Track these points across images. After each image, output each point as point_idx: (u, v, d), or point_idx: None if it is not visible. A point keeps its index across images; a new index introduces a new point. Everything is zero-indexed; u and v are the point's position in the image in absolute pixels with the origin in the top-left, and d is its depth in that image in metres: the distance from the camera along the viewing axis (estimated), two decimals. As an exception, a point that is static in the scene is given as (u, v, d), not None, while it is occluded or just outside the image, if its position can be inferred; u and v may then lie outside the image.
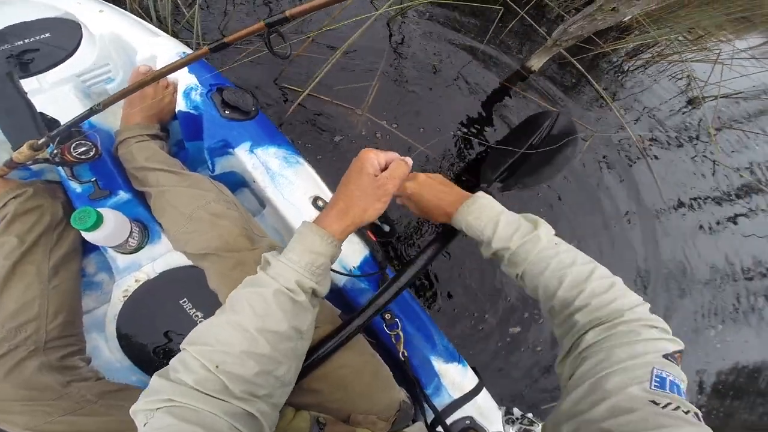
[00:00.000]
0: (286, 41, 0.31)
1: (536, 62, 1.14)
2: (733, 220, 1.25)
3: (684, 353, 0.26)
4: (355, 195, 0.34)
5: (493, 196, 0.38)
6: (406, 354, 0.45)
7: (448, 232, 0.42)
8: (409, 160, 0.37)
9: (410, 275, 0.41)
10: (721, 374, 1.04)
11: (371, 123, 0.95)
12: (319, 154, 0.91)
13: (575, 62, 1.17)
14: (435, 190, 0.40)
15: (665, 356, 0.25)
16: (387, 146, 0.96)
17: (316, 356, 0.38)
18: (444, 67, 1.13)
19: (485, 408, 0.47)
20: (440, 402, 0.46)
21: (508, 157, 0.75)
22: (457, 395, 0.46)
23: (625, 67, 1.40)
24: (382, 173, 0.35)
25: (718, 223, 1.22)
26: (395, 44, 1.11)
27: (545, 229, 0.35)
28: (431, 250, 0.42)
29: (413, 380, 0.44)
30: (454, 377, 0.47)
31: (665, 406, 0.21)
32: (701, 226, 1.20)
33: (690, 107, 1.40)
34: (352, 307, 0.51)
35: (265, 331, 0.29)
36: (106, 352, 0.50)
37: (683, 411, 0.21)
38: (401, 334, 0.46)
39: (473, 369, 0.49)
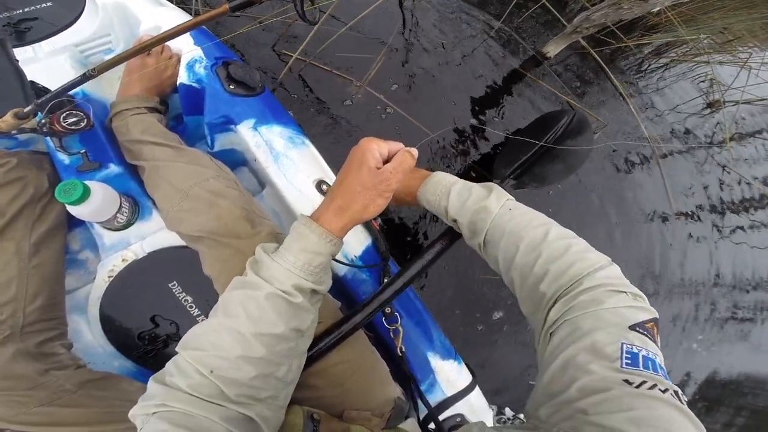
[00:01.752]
0: (315, 4, 0.28)
1: (553, 48, 1.09)
2: (737, 229, 1.24)
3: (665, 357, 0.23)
4: (355, 190, 0.31)
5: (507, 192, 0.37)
6: (403, 350, 0.43)
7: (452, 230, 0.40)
8: (415, 151, 0.34)
9: (416, 271, 0.39)
10: (701, 384, 1.03)
11: (371, 97, 0.92)
12: (313, 127, 0.88)
13: (593, 52, 1.14)
14: (404, 178, 0.38)
15: (633, 327, 0.22)
16: (387, 125, 0.92)
17: (314, 351, 0.36)
18: (455, 46, 1.09)
19: (477, 406, 0.46)
20: (434, 398, 0.45)
21: (522, 154, 0.73)
22: (450, 392, 0.46)
23: (646, 66, 1.36)
24: (385, 166, 0.32)
25: (721, 231, 1.21)
26: (407, 20, 1.07)
27: (496, 194, 0.34)
28: (438, 245, 0.40)
29: (409, 376, 0.43)
30: (449, 374, 0.46)
31: (639, 386, 0.19)
32: (703, 236, 1.18)
33: (709, 111, 1.36)
34: (351, 298, 0.49)
35: (260, 335, 0.27)
36: (88, 335, 0.47)
37: (660, 390, 0.19)
38: (401, 328, 0.44)
39: (467, 366, 0.48)
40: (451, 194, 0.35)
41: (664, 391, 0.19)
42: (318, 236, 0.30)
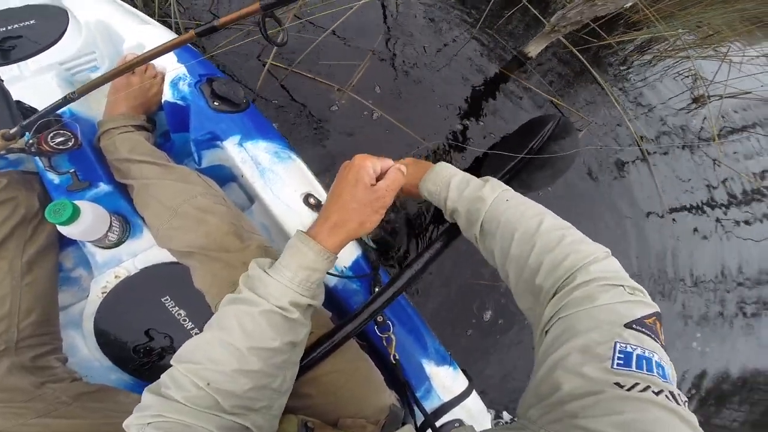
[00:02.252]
0: (282, 25, 0.29)
1: (534, 48, 1.10)
2: (731, 223, 1.24)
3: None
4: (350, 207, 0.32)
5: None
6: (397, 357, 0.44)
7: (447, 232, 0.41)
8: (404, 168, 0.35)
9: (406, 279, 0.40)
10: (701, 379, 1.04)
11: (357, 102, 0.92)
12: (295, 133, 0.88)
13: (575, 51, 1.14)
14: (408, 170, 0.40)
15: (629, 325, 0.21)
16: (377, 129, 0.93)
17: (306, 361, 0.37)
18: (439, 50, 1.10)
19: (475, 411, 0.47)
20: (430, 405, 0.45)
21: (508, 161, 0.75)
22: (447, 398, 0.46)
23: (630, 63, 1.36)
24: (379, 183, 0.33)
25: (714, 226, 1.22)
26: (389, 25, 1.08)
27: (491, 185, 0.34)
28: (428, 253, 0.41)
29: (404, 383, 0.43)
30: (445, 380, 0.47)
31: (631, 388, 0.19)
32: (695, 229, 1.19)
33: (694, 106, 1.36)
34: (342, 308, 0.50)
35: (255, 349, 0.28)
36: (84, 350, 0.48)
37: (653, 392, 0.18)
38: (393, 336, 0.45)
39: (464, 371, 0.49)
40: (451, 185, 0.35)
41: (657, 393, 0.18)
42: (315, 253, 0.31)
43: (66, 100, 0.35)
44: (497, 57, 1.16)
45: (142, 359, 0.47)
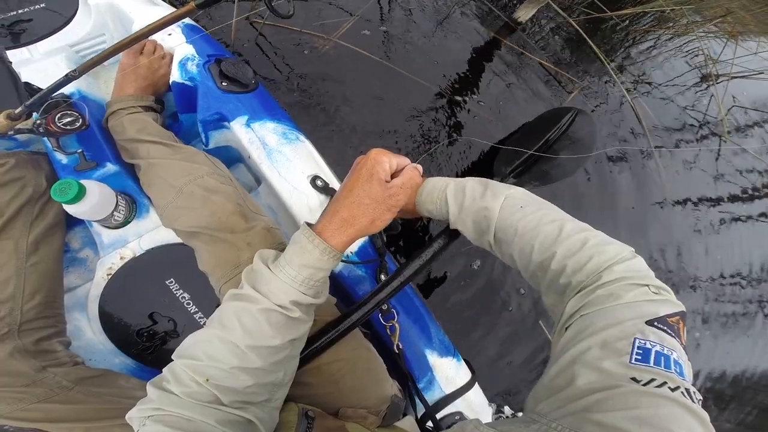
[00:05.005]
0: None
1: (523, 14, 1.10)
2: (734, 219, 1.19)
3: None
4: (363, 203, 0.30)
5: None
6: (400, 347, 0.43)
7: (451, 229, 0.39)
8: (420, 167, 0.34)
9: (414, 269, 0.38)
10: (702, 378, 1.00)
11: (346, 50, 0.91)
12: (279, 88, 0.87)
13: (570, 20, 1.11)
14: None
15: (650, 322, 0.21)
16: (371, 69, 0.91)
17: (309, 350, 0.36)
18: (427, 14, 1.07)
19: (476, 404, 0.45)
20: (432, 396, 0.44)
21: (522, 153, 0.72)
22: (449, 390, 0.45)
23: (632, 39, 1.30)
24: (394, 181, 0.32)
25: (716, 222, 1.16)
26: None
27: (492, 191, 0.32)
28: (437, 243, 0.39)
29: (406, 374, 0.42)
30: (448, 372, 0.45)
31: (647, 383, 0.18)
32: (697, 225, 1.14)
33: (703, 85, 1.30)
34: (347, 294, 0.48)
35: (256, 348, 0.27)
36: (88, 333, 0.47)
37: (669, 387, 0.18)
38: (397, 325, 0.43)
39: (467, 363, 0.48)
40: (449, 200, 0.34)
41: (674, 389, 0.18)
42: (321, 252, 0.29)
43: (68, 78, 0.34)
44: (487, 21, 1.13)
45: (145, 343, 0.46)
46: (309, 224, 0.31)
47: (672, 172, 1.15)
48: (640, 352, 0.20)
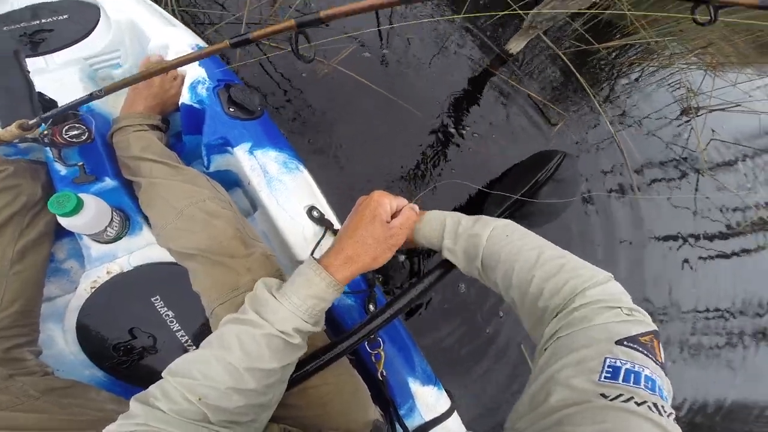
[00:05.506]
0: (310, 42, 0.30)
1: (515, 45, 1.14)
2: (714, 253, 1.25)
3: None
4: (367, 242, 0.33)
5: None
6: (384, 374, 0.44)
7: (446, 263, 0.42)
8: (417, 207, 0.37)
9: (404, 302, 0.40)
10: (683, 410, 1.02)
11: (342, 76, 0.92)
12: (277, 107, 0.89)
13: (558, 51, 1.15)
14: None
15: (620, 342, 0.23)
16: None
17: (299, 374, 0.37)
18: (423, 45, 1.11)
19: (454, 431, 0.47)
20: (412, 423, 0.45)
21: (512, 192, 0.77)
22: (429, 417, 0.46)
23: (617, 71, 1.35)
24: (394, 221, 0.35)
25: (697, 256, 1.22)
26: (382, 21, 1.10)
27: (482, 222, 0.35)
28: (428, 279, 0.42)
29: (388, 400, 0.43)
30: (428, 399, 0.47)
31: (614, 399, 0.20)
32: (676, 260, 1.19)
33: (683, 118, 1.35)
34: (336, 323, 0.50)
35: (252, 370, 0.29)
36: (60, 343, 0.47)
37: (636, 402, 0.19)
38: (382, 353, 0.45)
39: (447, 392, 0.49)
40: (446, 228, 0.37)
41: (640, 404, 0.19)
42: (327, 285, 0.32)
43: (91, 97, 0.36)
44: (480, 54, 1.17)
45: (121, 357, 0.46)
46: (315, 258, 0.33)
47: (652, 207, 1.21)
48: (610, 370, 0.21)
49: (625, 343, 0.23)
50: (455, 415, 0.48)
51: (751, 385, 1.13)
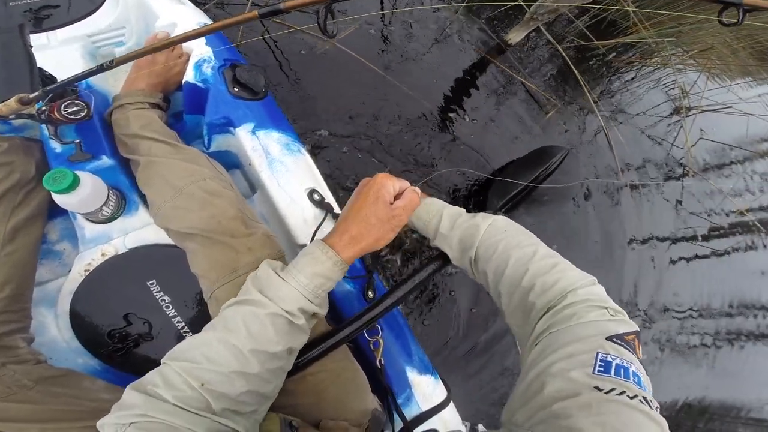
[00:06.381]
0: (335, 18, 0.29)
1: (514, 36, 1.16)
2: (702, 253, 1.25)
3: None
4: (371, 223, 0.33)
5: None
6: (382, 362, 0.43)
7: (441, 255, 0.41)
8: (418, 190, 0.38)
9: (406, 290, 0.40)
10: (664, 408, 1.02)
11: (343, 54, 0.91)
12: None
13: (557, 45, 1.15)
14: None
15: (610, 338, 0.24)
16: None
17: (300, 361, 0.36)
18: (423, 30, 1.11)
19: (450, 422, 0.46)
20: (409, 412, 0.45)
21: (514, 187, 0.77)
22: (426, 407, 0.46)
23: (615, 69, 1.37)
24: (397, 203, 0.35)
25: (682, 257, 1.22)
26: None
27: (482, 216, 0.37)
28: (430, 267, 0.41)
29: (386, 389, 0.43)
30: (425, 389, 0.46)
31: (609, 392, 0.20)
32: (662, 258, 1.18)
33: (674, 117, 1.38)
34: (335, 309, 0.48)
35: (257, 352, 0.28)
36: (53, 329, 0.45)
37: (628, 396, 0.20)
38: (381, 341, 0.44)
39: (443, 382, 0.49)
40: (443, 215, 0.38)
41: (632, 397, 0.20)
42: (333, 263, 0.32)
43: (101, 68, 0.34)
44: (480, 43, 1.18)
45: (116, 345, 0.44)
46: (322, 241, 0.33)
47: (638, 203, 1.20)
48: (602, 364, 0.22)
49: (614, 339, 0.24)
50: (451, 405, 0.47)
51: (724, 384, 1.13)
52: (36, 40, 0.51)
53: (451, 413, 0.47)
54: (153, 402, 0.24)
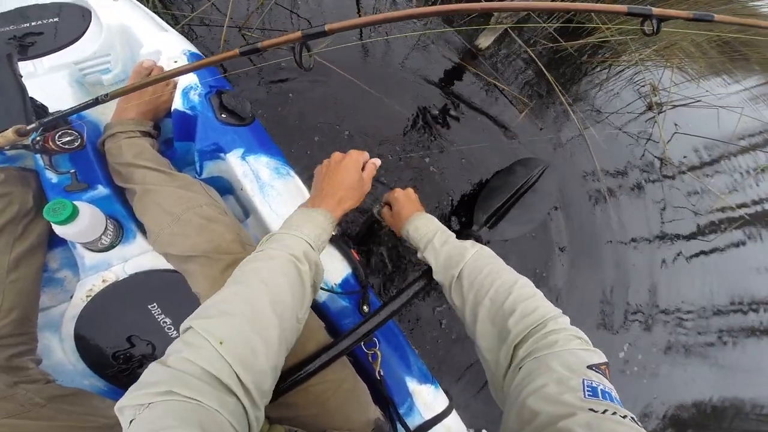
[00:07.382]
0: (310, 51, 0.31)
1: (484, 41, 1.20)
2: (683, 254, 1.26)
3: (623, 387, 0.26)
4: (352, 187, 0.42)
5: (483, 241, 0.46)
6: (382, 373, 0.45)
7: (429, 272, 0.44)
8: (377, 161, 0.46)
9: (403, 301, 0.43)
10: (666, 409, 1.04)
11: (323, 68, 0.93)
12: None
13: (526, 48, 1.19)
14: (403, 201, 0.52)
15: (590, 367, 0.26)
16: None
17: (297, 376, 0.37)
18: (393, 43, 1.11)
19: (454, 429, 0.48)
20: (412, 422, 0.46)
21: (498, 199, 0.81)
22: (428, 416, 0.47)
23: (585, 69, 1.41)
24: (363, 173, 0.44)
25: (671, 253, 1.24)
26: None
27: (471, 242, 0.43)
28: (418, 285, 0.44)
29: (388, 400, 0.44)
30: (426, 398, 0.48)
31: (603, 412, 0.22)
32: (651, 258, 1.20)
33: (648, 114, 1.41)
34: (331, 323, 0.50)
35: (274, 303, 0.30)
36: (58, 353, 0.47)
37: (621, 416, 0.22)
38: (379, 353, 0.46)
39: (444, 391, 0.50)
40: (438, 232, 0.45)
41: (623, 417, 0.22)
42: (324, 217, 0.39)
43: (96, 102, 0.36)
44: (452, 49, 1.19)
45: (121, 365, 0.46)
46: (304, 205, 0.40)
47: (618, 203, 1.23)
48: (590, 389, 0.24)
49: (594, 368, 0.26)
50: (454, 413, 0.48)
51: (727, 381, 1.14)
52: (23, 68, 0.51)
53: (454, 421, 0.47)
54: (179, 376, 0.22)
